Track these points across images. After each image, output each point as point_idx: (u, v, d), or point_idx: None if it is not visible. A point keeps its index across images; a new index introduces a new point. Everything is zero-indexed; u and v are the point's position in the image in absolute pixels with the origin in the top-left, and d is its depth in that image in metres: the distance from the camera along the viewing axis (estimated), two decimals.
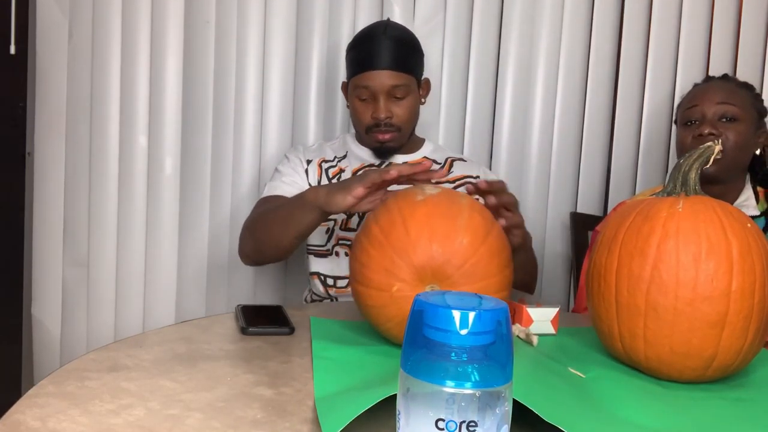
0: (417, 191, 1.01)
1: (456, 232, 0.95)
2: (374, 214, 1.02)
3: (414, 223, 0.95)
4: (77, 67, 1.82)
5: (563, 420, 0.71)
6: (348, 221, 1.57)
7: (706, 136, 1.46)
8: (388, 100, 1.55)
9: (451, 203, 0.98)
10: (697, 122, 1.50)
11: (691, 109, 1.51)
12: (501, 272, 0.99)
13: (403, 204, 0.99)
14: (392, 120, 1.56)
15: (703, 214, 0.92)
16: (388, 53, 1.53)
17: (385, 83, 1.53)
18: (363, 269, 0.97)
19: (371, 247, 0.97)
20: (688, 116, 1.52)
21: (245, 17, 1.84)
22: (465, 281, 0.95)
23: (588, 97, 1.95)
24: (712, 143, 1.00)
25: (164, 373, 0.87)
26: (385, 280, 0.95)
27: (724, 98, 1.49)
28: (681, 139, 1.53)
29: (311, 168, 1.63)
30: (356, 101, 1.58)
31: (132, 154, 1.83)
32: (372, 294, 0.97)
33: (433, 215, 0.96)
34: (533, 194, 1.96)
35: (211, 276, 1.89)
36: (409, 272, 0.94)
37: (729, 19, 1.90)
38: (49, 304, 1.88)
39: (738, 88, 1.53)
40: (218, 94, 1.86)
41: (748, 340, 0.90)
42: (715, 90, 1.51)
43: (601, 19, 1.92)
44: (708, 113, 1.49)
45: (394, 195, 1.03)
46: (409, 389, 0.54)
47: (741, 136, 1.47)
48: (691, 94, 1.56)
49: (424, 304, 0.54)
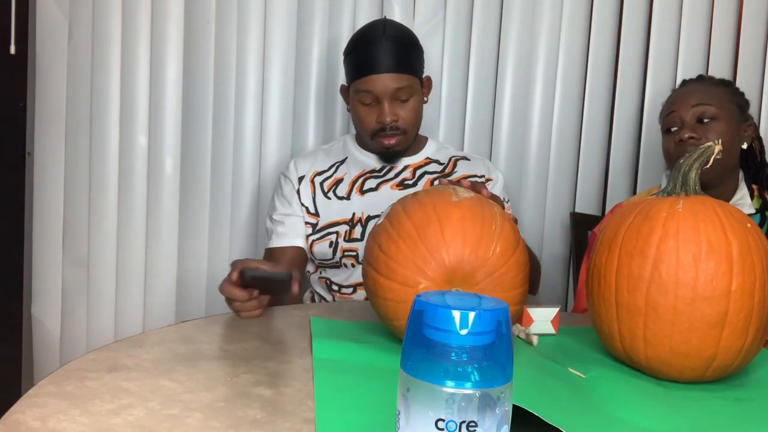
0: (450, 192, 1.01)
1: (491, 238, 0.96)
2: (404, 208, 1.01)
3: (449, 224, 0.95)
4: (77, 67, 1.82)
5: (563, 421, 0.71)
6: (352, 231, 1.55)
7: (687, 140, 1.44)
8: (393, 103, 1.52)
9: (484, 209, 0.99)
10: (677, 128, 1.48)
11: (670, 116, 1.50)
12: (522, 286, 1.00)
13: (438, 203, 0.98)
14: (398, 123, 1.53)
15: (703, 213, 0.92)
16: (389, 55, 1.50)
17: (388, 87, 1.50)
18: (389, 261, 0.96)
19: (401, 241, 0.96)
20: (668, 123, 1.51)
21: (245, 17, 1.84)
22: (492, 289, 0.95)
23: (587, 97, 1.95)
24: (711, 143, 1.00)
25: (164, 373, 0.87)
26: (412, 276, 0.94)
27: (699, 99, 1.47)
28: (665, 147, 1.52)
29: (303, 187, 1.60)
30: (359, 106, 1.54)
31: (132, 154, 1.83)
32: (395, 288, 0.96)
33: (467, 219, 0.96)
34: (532, 194, 1.96)
35: (211, 276, 1.89)
36: (439, 272, 0.94)
37: (729, 19, 1.90)
38: (49, 304, 1.88)
39: (713, 86, 1.51)
40: (218, 94, 1.86)
41: (748, 340, 0.90)
42: (689, 93, 1.50)
43: (600, 19, 1.92)
44: (686, 117, 1.47)
45: (427, 192, 1.03)
46: (409, 389, 0.54)
47: (722, 136, 1.44)
48: (669, 101, 1.55)
49: (424, 304, 0.54)
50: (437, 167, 1.62)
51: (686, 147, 1.43)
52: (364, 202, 1.56)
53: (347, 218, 1.55)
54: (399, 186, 1.58)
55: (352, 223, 1.54)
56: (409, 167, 1.61)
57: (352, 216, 1.55)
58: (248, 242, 1.89)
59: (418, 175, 1.60)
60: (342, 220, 1.55)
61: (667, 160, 1.53)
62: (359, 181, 1.59)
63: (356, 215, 1.55)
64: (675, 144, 1.47)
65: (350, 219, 1.55)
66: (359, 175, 1.60)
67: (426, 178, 1.60)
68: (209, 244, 1.89)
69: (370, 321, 1.16)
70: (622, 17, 1.92)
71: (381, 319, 1.03)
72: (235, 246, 1.89)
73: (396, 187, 1.58)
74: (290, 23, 1.86)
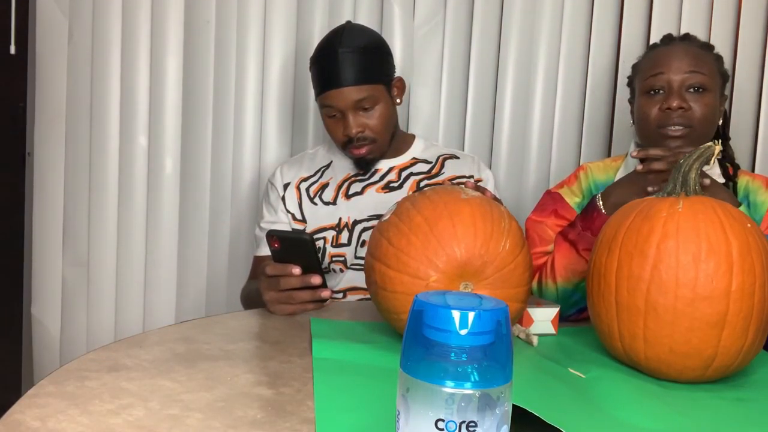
0: (459, 190, 1.04)
1: (501, 235, 0.98)
2: (413, 204, 1.03)
3: (461, 219, 0.98)
4: (77, 67, 1.82)
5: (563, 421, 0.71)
6: (339, 237, 1.54)
7: (675, 110, 1.32)
8: (357, 114, 1.49)
9: (492, 207, 1.02)
10: (662, 91, 1.35)
11: (656, 77, 1.36)
12: (528, 284, 1.03)
13: (449, 200, 1.01)
14: (365, 133, 1.50)
15: (703, 214, 0.92)
16: (346, 68, 1.46)
17: (349, 99, 1.47)
18: (400, 254, 0.98)
19: (413, 235, 0.98)
20: (651, 84, 1.37)
21: (245, 17, 1.84)
22: (501, 285, 0.98)
23: (588, 97, 1.94)
24: (712, 143, 1.00)
25: (164, 373, 0.87)
26: (423, 269, 0.96)
27: (693, 66, 1.34)
28: (644, 109, 1.37)
29: (288, 194, 1.59)
30: (326, 119, 1.53)
31: (132, 154, 1.83)
32: (405, 280, 0.97)
33: (478, 215, 0.99)
34: (533, 194, 1.95)
35: (211, 276, 1.89)
36: (450, 265, 0.96)
37: (729, 19, 1.90)
38: (49, 304, 1.88)
39: (703, 51, 1.39)
40: (218, 94, 1.86)
41: (748, 340, 0.90)
42: (681, 55, 1.36)
43: (601, 19, 1.91)
44: (675, 82, 1.34)
45: (435, 190, 1.05)
46: (409, 389, 0.54)
47: (709, 108, 1.34)
48: (653, 59, 1.40)
49: (423, 304, 0.54)
50: (424, 167, 1.60)
51: (671, 117, 1.33)
52: (350, 206, 1.55)
53: (334, 223, 1.55)
54: (384, 189, 1.57)
55: (338, 228, 1.54)
56: (394, 169, 1.60)
57: (338, 221, 1.55)
58: (248, 242, 1.89)
59: (404, 177, 1.59)
60: (329, 225, 1.55)
61: (644, 126, 1.39)
62: (344, 185, 1.58)
63: (342, 220, 1.54)
64: (660, 110, 1.35)
65: (337, 224, 1.54)
66: (344, 179, 1.59)
67: (412, 180, 1.58)
68: (209, 244, 1.89)
69: (370, 321, 1.16)
70: (623, 17, 1.92)
71: (385, 314, 1.03)
72: (235, 246, 1.89)
73: (381, 190, 1.57)
74: (290, 23, 1.86)
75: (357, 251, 1.53)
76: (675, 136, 1.34)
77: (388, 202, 1.49)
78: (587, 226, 1.26)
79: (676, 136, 1.33)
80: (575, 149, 1.97)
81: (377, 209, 1.53)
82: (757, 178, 1.40)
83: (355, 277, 1.52)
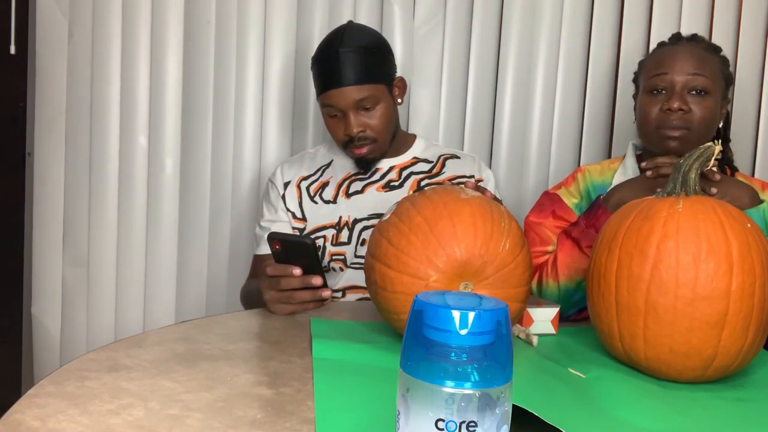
0: (459, 190, 1.04)
1: (501, 235, 0.98)
2: (413, 204, 1.03)
3: (461, 219, 0.98)
4: (77, 67, 1.82)
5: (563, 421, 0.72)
6: (339, 235, 1.54)
7: (675, 111, 1.33)
8: (358, 114, 1.49)
9: (492, 207, 1.02)
10: (665, 92, 1.36)
11: (659, 77, 1.36)
12: (527, 284, 1.03)
13: (448, 200, 1.01)
14: (365, 133, 1.50)
15: (703, 214, 0.92)
16: (347, 68, 1.47)
17: (350, 99, 1.47)
18: (400, 254, 0.98)
19: (413, 235, 0.98)
20: (654, 84, 1.37)
21: (245, 17, 1.84)
22: (501, 284, 0.98)
23: (588, 97, 1.94)
24: (711, 143, 1.00)
25: (164, 373, 0.87)
26: (423, 269, 0.97)
27: (696, 68, 1.34)
28: (646, 108, 1.38)
29: (289, 192, 1.59)
30: (327, 118, 1.54)
31: (132, 154, 1.83)
32: (405, 280, 0.97)
33: (478, 215, 0.99)
34: (533, 194, 1.95)
35: (211, 276, 1.89)
36: (450, 265, 0.96)
37: (729, 19, 1.90)
38: (49, 304, 1.88)
39: (708, 53, 1.39)
40: (218, 94, 1.86)
41: (748, 340, 0.90)
42: (686, 57, 1.36)
43: (600, 20, 1.91)
44: (677, 84, 1.34)
45: (435, 190, 1.05)
46: (409, 389, 0.54)
47: (709, 112, 1.34)
48: (658, 58, 1.41)
49: (423, 304, 0.54)
50: (425, 167, 1.60)
51: (671, 118, 1.34)
52: (351, 205, 1.56)
53: (334, 222, 1.55)
54: (385, 188, 1.57)
55: (339, 227, 1.54)
56: (395, 168, 1.60)
57: (338, 219, 1.55)
58: (248, 242, 1.89)
59: (404, 176, 1.59)
60: (329, 224, 1.55)
61: (644, 125, 1.40)
62: (345, 184, 1.58)
63: (343, 218, 1.54)
64: (661, 110, 1.35)
65: (337, 222, 1.54)
66: (345, 178, 1.59)
67: (412, 179, 1.58)
68: (209, 244, 1.89)
69: (370, 321, 1.16)
70: (623, 17, 1.92)
71: (385, 314, 1.03)
72: (235, 246, 1.89)
73: (382, 189, 1.57)
74: (290, 23, 1.86)
75: (357, 250, 1.53)
76: (673, 137, 1.34)
77: (389, 201, 1.50)
78: (591, 223, 1.26)
79: (674, 137, 1.34)
80: (575, 149, 1.97)
81: (377, 208, 1.54)
82: (755, 181, 1.40)
83: (355, 275, 1.52)
